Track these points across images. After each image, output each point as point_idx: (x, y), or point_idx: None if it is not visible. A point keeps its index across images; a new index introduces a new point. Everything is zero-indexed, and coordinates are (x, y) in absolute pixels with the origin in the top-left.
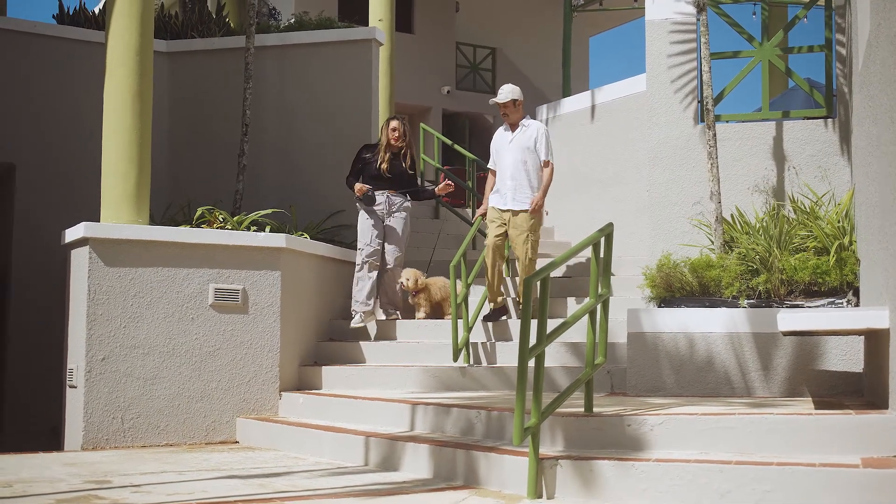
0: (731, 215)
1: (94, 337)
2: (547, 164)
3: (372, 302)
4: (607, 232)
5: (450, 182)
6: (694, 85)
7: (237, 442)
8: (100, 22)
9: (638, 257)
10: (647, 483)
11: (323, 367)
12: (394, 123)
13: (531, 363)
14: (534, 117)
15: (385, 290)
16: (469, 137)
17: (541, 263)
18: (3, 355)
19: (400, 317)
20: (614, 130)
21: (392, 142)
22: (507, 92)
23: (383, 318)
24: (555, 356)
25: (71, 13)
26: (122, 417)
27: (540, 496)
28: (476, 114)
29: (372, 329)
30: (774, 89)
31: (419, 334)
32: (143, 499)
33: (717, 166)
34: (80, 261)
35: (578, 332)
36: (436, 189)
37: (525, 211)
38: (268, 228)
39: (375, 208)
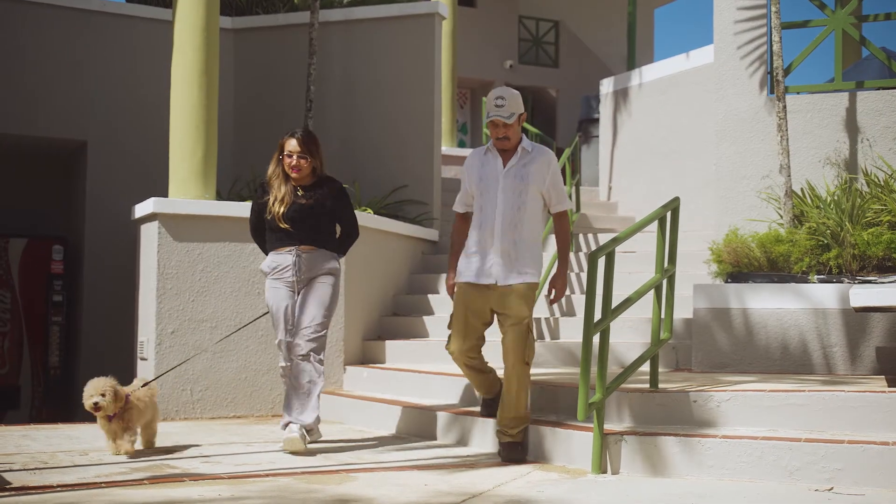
0: (801, 189)
1: (164, 310)
2: (562, 216)
3: (309, 415)
4: (673, 206)
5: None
6: (763, 56)
7: None
8: (167, 0)
9: (703, 232)
10: (714, 460)
11: (387, 341)
12: (291, 144)
13: (596, 338)
14: (599, 91)
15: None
16: (532, 112)
17: (603, 239)
18: (77, 329)
19: None
20: (680, 103)
21: (290, 172)
22: (511, 101)
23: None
24: (619, 332)
25: None
26: (192, 389)
27: (605, 471)
28: (539, 88)
29: (435, 303)
30: (847, 59)
31: None
32: (212, 469)
33: (787, 139)
34: (149, 236)
35: (643, 308)
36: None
37: (528, 284)
38: None
39: (282, 277)
